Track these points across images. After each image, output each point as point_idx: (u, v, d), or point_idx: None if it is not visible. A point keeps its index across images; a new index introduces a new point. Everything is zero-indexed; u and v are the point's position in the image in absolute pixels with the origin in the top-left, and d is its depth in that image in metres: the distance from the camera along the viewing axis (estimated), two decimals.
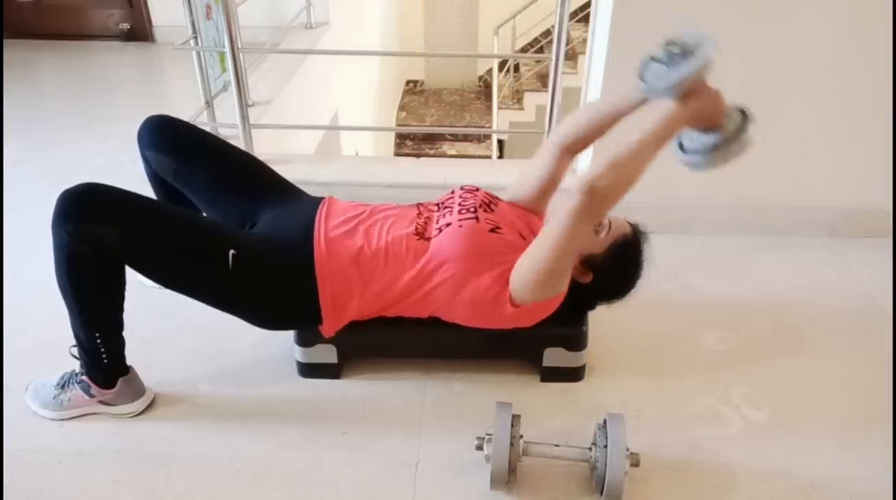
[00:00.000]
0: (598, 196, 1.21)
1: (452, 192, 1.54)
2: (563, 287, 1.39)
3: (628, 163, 1.21)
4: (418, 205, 1.53)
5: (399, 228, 1.44)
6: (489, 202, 1.50)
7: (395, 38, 7.32)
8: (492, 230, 1.41)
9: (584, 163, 2.17)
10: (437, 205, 1.52)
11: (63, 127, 2.99)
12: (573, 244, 1.29)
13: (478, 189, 1.54)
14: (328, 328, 1.45)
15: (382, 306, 1.44)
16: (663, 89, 1.24)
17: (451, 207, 1.47)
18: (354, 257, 1.40)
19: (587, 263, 1.42)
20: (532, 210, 1.56)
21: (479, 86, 8.47)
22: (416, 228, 1.44)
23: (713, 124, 1.28)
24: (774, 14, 1.86)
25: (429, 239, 1.41)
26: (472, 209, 1.44)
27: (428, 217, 1.47)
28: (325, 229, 1.43)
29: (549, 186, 1.53)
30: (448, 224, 1.41)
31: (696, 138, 1.31)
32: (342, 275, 1.40)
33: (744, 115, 1.30)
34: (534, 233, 1.59)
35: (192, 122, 2.09)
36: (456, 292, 1.39)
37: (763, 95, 1.99)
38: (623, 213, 1.49)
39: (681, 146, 1.34)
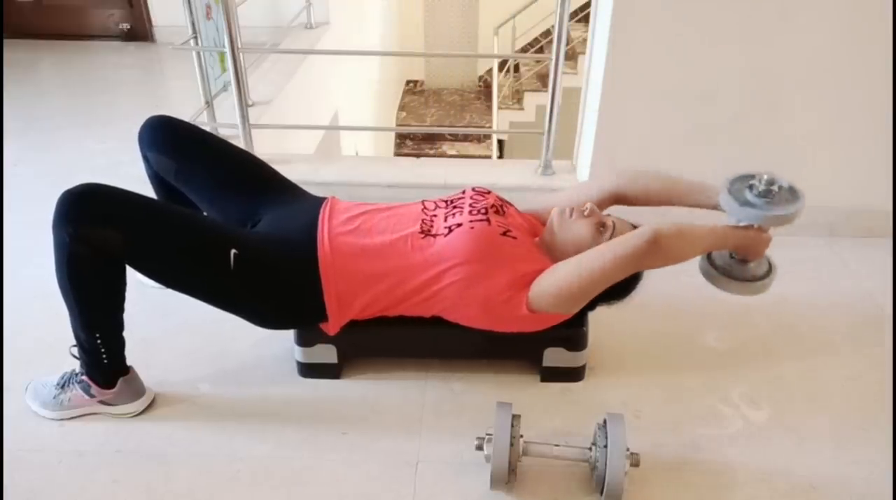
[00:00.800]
0: (656, 247, 1.29)
1: (463, 192, 1.54)
2: (580, 307, 1.42)
3: (688, 238, 1.33)
4: (423, 202, 1.53)
5: (404, 226, 1.43)
6: (500, 205, 1.50)
7: (395, 38, 7.32)
8: (503, 233, 1.41)
9: (583, 160, 2.18)
10: (446, 202, 1.51)
11: (63, 127, 2.99)
12: (611, 279, 1.34)
13: (489, 192, 1.54)
14: (333, 326, 1.45)
15: (388, 305, 1.44)
16: (751, 217, 1.34)
17: (462, 208, 1.46)
18: (359, 256, 1.40)
19: None
20: (540, 219, 1.58)
21: (479, 86, 8.47)
22: (422, 226, 1.43)
23: (748, 258, 1.42)
24: (774, 14, 1.86)
25: (435, 236, 1.41)
26: (484, 211, 1.44)
27: (434, 214, 1.47)
28: (328, 228, 1.43)
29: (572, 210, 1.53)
30: (459, 224, 1.41)
31: (725, 258, 1.45)
32: (347, 274, 1.40)
33: (771, 267, 1.45)
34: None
35: (192, 122, 2.09)
36: (465, 293, 1.39)
37: (763, 95, 1.99)
38: (625, 214, 1.49)
39: (709, 257, 1.46)
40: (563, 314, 1.42)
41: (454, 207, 1.48)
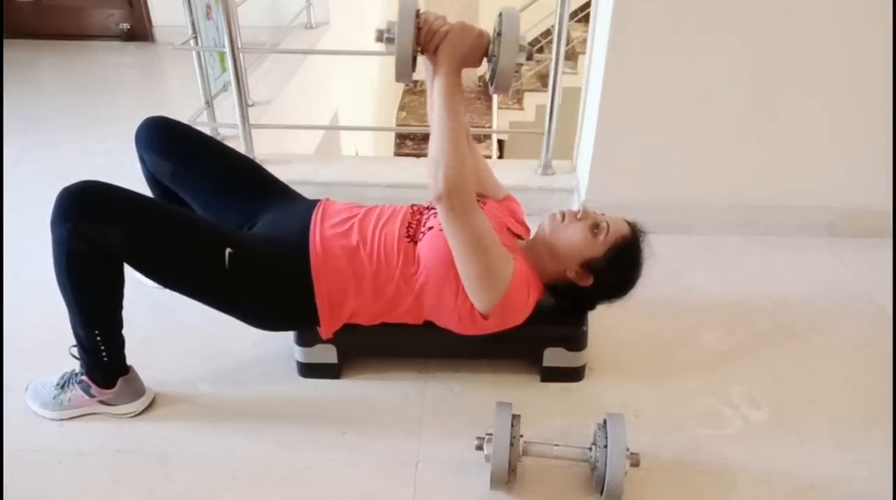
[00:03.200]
0: (447, 194, 1.21)
1: None
2: (507, 277, 1.33)
3: (446, 149, 1.21)
4: (412, 206, 1.53)
5: (392, 229, 1.43)
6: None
7: None
8: None
9: (583, 161, 2.18)
10: (427, 206, 1.51)
11: (63, 127, 2.99)
12: (474, 239, 1.27)
13: None
14: (325, 330, 1.45)
15: (379, 312, 1.44)
16: (400, 74, 1.22)
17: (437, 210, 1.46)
18: (350, 257, 1.40)
19: (587, 266, 1.42)
20: (508, 198, 1.61)
21: (479, 86, 8.47)
22: (408, 230, 1.43)
23: (485, 49, 1.26)
24: (774, 14, 1.86)
25: (417, 242, 1.41)
26: None
27: (419, 219, 1.47)
28: (320, 230, 1.43)
29: (476, 172, 1.52)
30: (431, 228, 1.41)
31: (488, 68, 1.28)
32: (337, 275, 1.40)
33: (499, 16, 1.25)
34: (519, 220, 1.60)
35: (192, 122, 2.09)
36: (438, 297, 1.39)
37: (763, 95, 1.99)
38: (623, 213, 1.49)
39: (490, 85, 1.30)
40: (514, 300, 1.37)
41: (432, 209, 1.48)
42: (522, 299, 1.38)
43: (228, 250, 1.34)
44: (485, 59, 1.28)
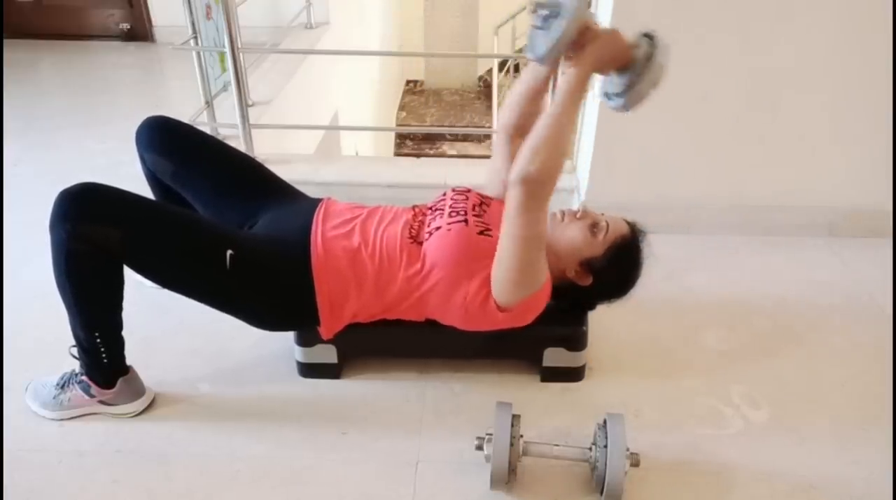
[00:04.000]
0: (533, 183, 1.21)
1: (444, 194, 1.54)
2: (542, 280, 1.37)
3: (551, 141, 1.22)
4: (414, 207, 1.53)
5: (394, 230, 1.43)
6: (480, 203, 1.50)
7: (395, 38, 7.31)
8: (481, 233, 1.40)
9: (583, 161, 2.18)
10: (431, 207, 1.51)
11: (63, 127, 2.99)
12: (533, 235, 1.28)
13: (469, 190, 1.54)
14: (326, 330, 1.45)
15: (380, 310, 1.44)
16: (547, 53, 1.22)
17: (443, 210, 1.46)
18: (351, 258, 1.40)
19: (587, 265, 1.42)
20: None
21: (479, 86, 8.48)
22: (410, 231, 1.43)
23: (623, 63, 1.25)
24: (774, 14, 1.86)
25: (421, 243, 1.41)
26: (462, 212, 1.44)
27: (422, 220, 1.47)
28: (322, 230, 1.43)
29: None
30: (438, 228, 1.41)
31: (615, 82, 1.28)
32: (338, 276, 1.40)
33: (651, 39, 1.25)
34: None
35: (192, 122, 2.09)
36: (447, 296, 1.39)
37: (763, 95, 1.99)
38: (622, 213, 1.49)
39: (606, 96, 1.32)
40: (538, 300, 1.38)
41: (437, 210, 1.48)
42: (541, 302, 1.40)
43: (230, 252, 1.34)
44: (613, 73, 1.28)
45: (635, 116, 2.01)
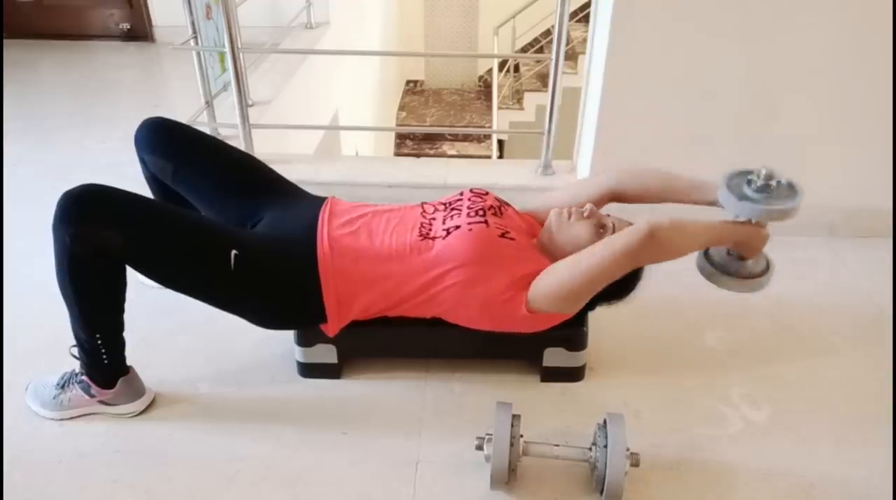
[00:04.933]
0: (653, 242, 1.26)
1: (461, 193, 1.54)
2: (577, 309, 1.41)
3: (685, 233, 1.31)
4: (422, 204, 1.53)
5: (403, 228, 1.43)
6: (498, 207, 1.50)
7: (395, 38, 7.31)
8: (502, 235, 1.40)
9: (584, 161, 2.18)
10: (444, 205, 1.51)
11: (63, 127, 2.99)
12: (610, 276, 1.32)
13: (487, 193, 1.54)
14: (332, 327, 1.45)
15: (387, 306, 1.44)
16: (749, 212, 1.31)
17: (460, 209, 1.46)
18: (359, 257, 1.40)
19: None
20: (539, 219, 1.57)
21: (479, 86, 8.47)
22: (421, 229, 1.43)
23: (746, 255, 1.39)
24: (774, 14, 1.86)
25: (433, 239, 1.41)
26: (482, 213, 1.44)
27: (433, 217, 1.47)
28: (328, 229, 1.43)
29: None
30: (457, 226, 1.41)
31: (722, 254, 1.42)
32: (346, 275, 1.39)
33: (768, 265, 1.42)
34: (534, 232, 1.59)
35: (192, 122, 2.09)
36: (465, 295, 1.38)
37: (763, 95, 1.99)
38: (624, 214, 1.49)
39: (706, 253, 1.43)
40: (563, 314, 1.41)
41: (453, 209, 1.48)
42: (562, 319, 1.43)
43: (234, 252, 1.34)
44: (727, 252, 1.42)
45: (635, 116, 2.03)
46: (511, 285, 1.36)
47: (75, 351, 1.41)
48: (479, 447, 1.28)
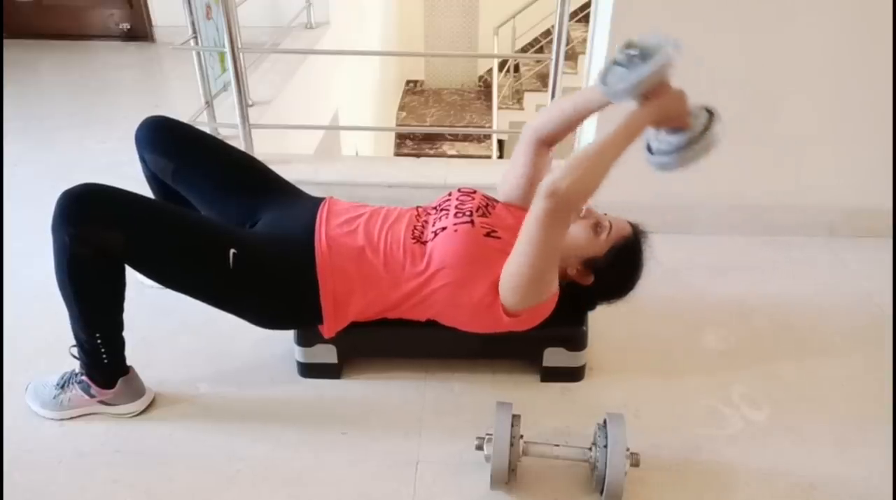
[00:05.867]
0: (561, 199, 1.21)
1: (450, 194, 1.54)
2: (553, 290, 1.38)
3: (590, 165, 1.23)
4: (417, 208, 1.53)
5: (398, 230, 1.44)
6: (486, 205, 1.50)
7: (395, 38, 7.32)
8: (487, 235, 1.40)
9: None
10: (435, 208, 1.51)
11: (63, 127, 2.99)
12: (549, 249, 1.28)
13: (475, 192, 1.54)
14: (328, 329, 1.45)
15: (382, 309, 1.44)
16: (622, 91, 1.24)
17: (448, 210, 1.46)
18: (356, 257, 1.40)
19: (588, 265, 1.42)
20: (527, 209, 1.56)
21: (479, 86, 8.48)
22: (414, 232, 1.43)
23: (679, 125, 1.29)
24: (774, 14, 1.86)
25: (425, 243, 1.41)
26: (468, 213, 1.44)
27: (426, 220, 1.47)
28: (326, 228, 1.43)
29: (535, 178, 1.50)
30: (444, 228, 1.41)
31: (663, 139, 1.32)
32: (343, 274, 1.40)
33: (710, 114, 1.30)
34: None
35: (192, 122, 2.09)
36: (454, 297, 1.39)
37: (763, 95, 1.99)
38: (623, 213, 1.49)
39: (649, 149, 1.35)
40: (546, 306, 1.39)
41: (442, 210, 1.48)
42: (547, 310, 1.40)
43: (232, 251, 1.34)
44: (665, 130, 1.31)
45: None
46: (491, 287, 1.36)
47: (75, 351, 1.41)
48: (479, 447, 1.28)
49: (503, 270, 1.34)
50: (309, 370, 1.58)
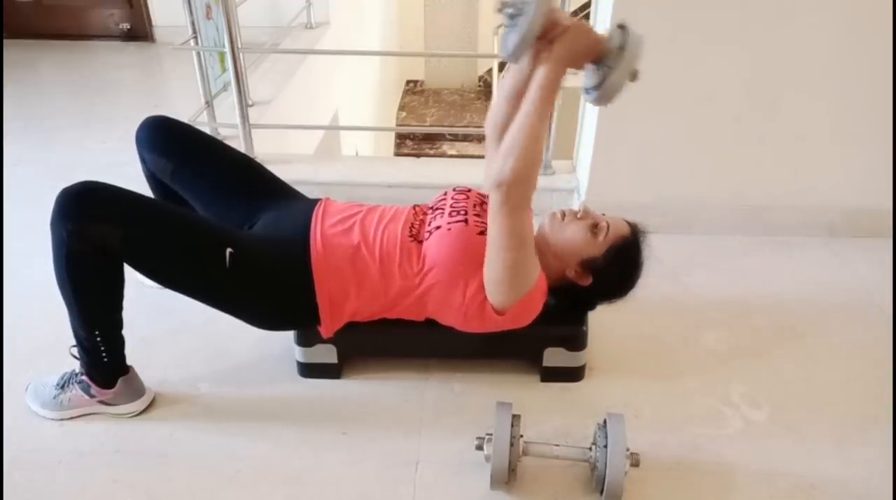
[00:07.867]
0: (509, 186, 1.21)
1: (445, 193, 1.54)
2: (532, 280, 1.36)
3: (524, 141, 1.21)
4: (414, 207, 1.53)
5: (394, 229, 1.44)
6: (481, 203, 1.50)
7: (395, 38, 7.31)
8: (481, 233, 1.39)
9: (584, 158, 2.18)
10: (431, 207, 1.52)
11: (63, 127, 2.99)
12: (518, 237, 1.28)
13: (470, 190, 1.54)
14: (326, 329, 1.45)
15: (379, 309, 1.44)
16: (516, 48, 1.20)
17: (443, 209, 1.46)
18: (351, 256, 1.40)
19: (586, 265, 1.42)
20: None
21: (479, 86, 8.47)
22: (410, 230, 1.43)
23: (596, 55, 1.23)
24: (775, 15, 1.86)
25: (420, 242, 1.41)
26: (463, 212, 1.44)
27: (422, 219, 1.47)
28: (321, 228, 1.43)
29: None
30: (438, 227, 1.41)
31: (591, 75, 1.27)
32: (338, 273, 1.40)
33: (622, 29, 1.23)
34: None
35: (192, 122, 2.09)
36: (446, 296, 1.39)
37: (763, 95, 1.99)
38: (623, 213, 1.49)
39: (585, 90, 1.30)
40: (534, 302, 1.38)
41: (437, 209, 1.48)
42: (537, 303, 1.40)
43: (229, 250, 1.34)
44: (589, 67, 1.26)
45: (635, 115, 2.03)
46: (481, 286, 1.36)
47: (75, 351, 1.41)
48: (479, 447, 1.28)
49: (484, 270, 1.34)
50: (309, 370, 1.58)
